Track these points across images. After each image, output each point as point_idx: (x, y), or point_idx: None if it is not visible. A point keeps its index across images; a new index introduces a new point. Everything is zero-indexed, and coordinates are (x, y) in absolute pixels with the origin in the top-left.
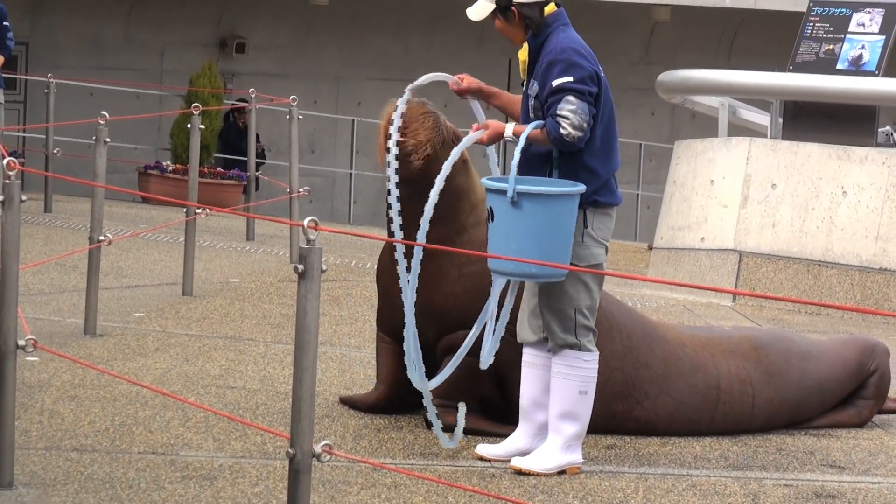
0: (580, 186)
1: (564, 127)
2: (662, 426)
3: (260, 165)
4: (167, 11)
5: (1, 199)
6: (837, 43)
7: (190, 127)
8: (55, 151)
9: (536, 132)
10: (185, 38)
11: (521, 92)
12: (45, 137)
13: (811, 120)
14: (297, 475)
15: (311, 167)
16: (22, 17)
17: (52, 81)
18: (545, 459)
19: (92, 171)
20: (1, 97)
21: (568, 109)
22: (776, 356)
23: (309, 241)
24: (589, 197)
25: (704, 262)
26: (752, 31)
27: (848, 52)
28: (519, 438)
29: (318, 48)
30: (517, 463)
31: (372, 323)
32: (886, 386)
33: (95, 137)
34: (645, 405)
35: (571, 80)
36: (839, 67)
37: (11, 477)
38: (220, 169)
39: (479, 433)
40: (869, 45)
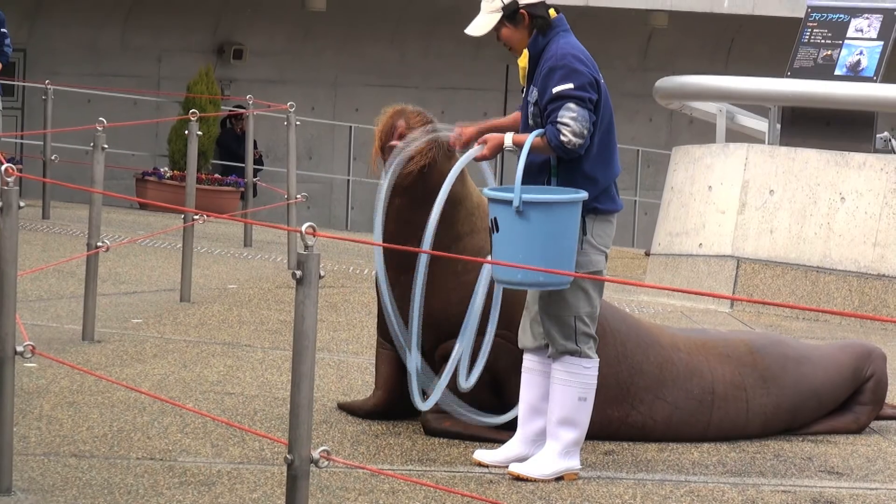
0: (583, 193)
1: (565, 134)
2: (658, 431)
3: (257, 172)
4: (164, 18)
5: None
6: (835, 49)
7: (187, 133)
8: (53, 158)
9: (537, 140)
10: (182, 44)
11: (519, 98)
12: (42, 144)
13: (809, 126)
14: (295, 481)
15: (308, 173)
16: (20, 23)
17: (49, 88)
18: (543, 465)
19: (90, 177)
20: None
21: (569, 116)
22: (771, 361)
23: (307, 247)
24: (588, 204)
25: (702, 268)
26: (749, 36)
27: (846, 57)
28: (517, 444)
29: (315, 54)
30: (515, 469)
31: (370, 329)
32: (883, 391)
33: (93, 144)
34: (641, 410)
35: (572, 86)
36: (837, 73)
37: (10, 483)
38: (217, 175)
39: (477, 439)
40: (867, 50)
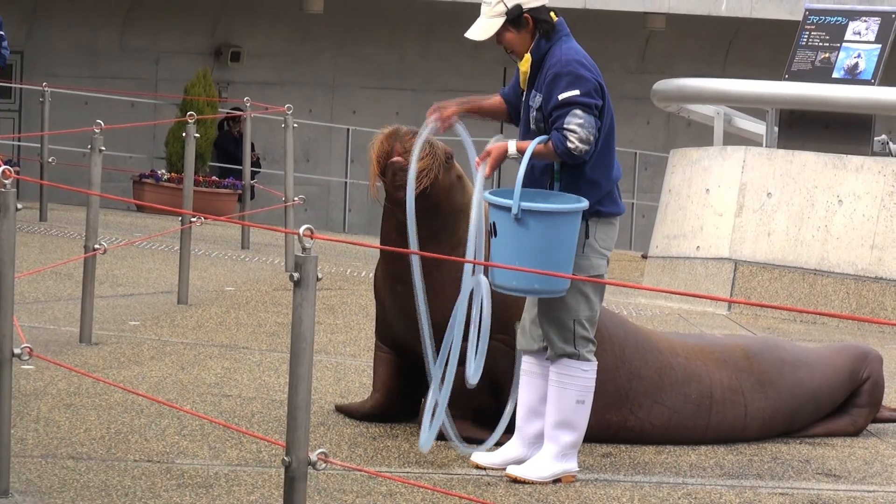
0: (584, 202)
1: (572, 141)
2: (657, 436)
3: (255, 174)
4: (162, 20)
5: None
6: (833, 51)
7: (185, 136)
8: (50, 160)
9: (540, 147)
10: (180, 46)
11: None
12: (40, 146)
13: (807, 129)
14: (292, 483)
15: (306, 176)
16: (17, 25)
17: (47, 90)
18: (541, 468)
19: (87, 179)
20: None
21: (575, 123)
22: (768, 365)
23: (304, 249)
24: (591, 207)
25: (700, 270)
26: (747, 39)
27: (844, 60)
28: (515, 447)
29: (313, 57)
30: (513, 471)
31: (367, 331)
32: (880, 394)
33: (90, 146)
34: (639, 415)
35: (578, 93)
36: (835, 76)
37: (7, 485)
38: (215, 178)
39: (474, 441)
40: (865, 53)
